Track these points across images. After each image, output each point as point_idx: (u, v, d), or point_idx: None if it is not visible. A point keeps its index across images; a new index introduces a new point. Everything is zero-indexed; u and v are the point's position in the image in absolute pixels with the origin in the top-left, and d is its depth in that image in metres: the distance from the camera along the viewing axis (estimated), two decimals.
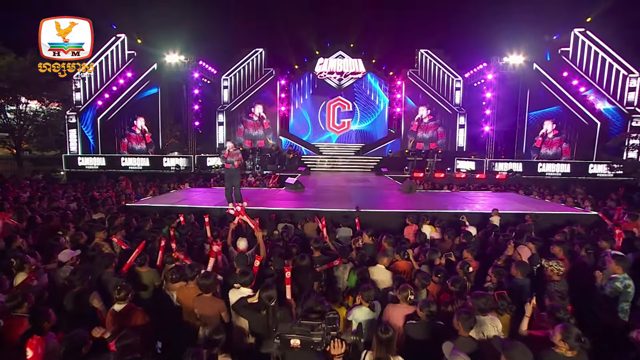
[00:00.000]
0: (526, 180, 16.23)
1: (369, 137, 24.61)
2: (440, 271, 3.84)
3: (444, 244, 5.62)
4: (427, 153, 21.12)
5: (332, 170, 20.65)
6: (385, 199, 9.46)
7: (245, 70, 21.97)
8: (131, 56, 18.13)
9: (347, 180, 14.28)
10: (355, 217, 6.60)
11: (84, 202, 8.01)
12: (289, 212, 7.11)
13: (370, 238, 5.49)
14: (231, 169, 7.45)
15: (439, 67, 22.54)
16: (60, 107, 18.30)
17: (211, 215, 6.77)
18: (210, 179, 14.22)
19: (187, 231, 5.44)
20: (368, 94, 24.95)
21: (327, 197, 9.53)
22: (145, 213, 6.92)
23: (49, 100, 18.25)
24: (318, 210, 7.32)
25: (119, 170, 16.58)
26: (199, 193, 9.74)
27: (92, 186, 11.38)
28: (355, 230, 6.23)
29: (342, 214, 7.22)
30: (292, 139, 23.24)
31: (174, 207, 7.31)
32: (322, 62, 24.19)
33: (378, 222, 7.10)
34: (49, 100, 18.37)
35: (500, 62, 18.31)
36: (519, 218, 7.15)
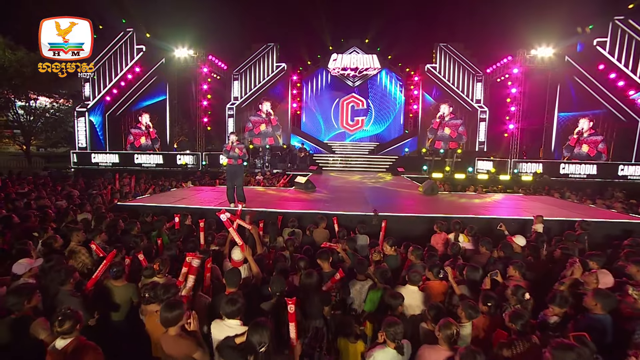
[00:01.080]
0: (556, 183, 14.98)
1: (383, 136, 23.63)
2: (491, 299, 2.93)
3: (480, 258, 4.68)
4: (446, 153, 20.06)
5: (345, 169, 19.78)
6: (405, 201, 8.53)
7: (257, 66, 21.29)
8: (140, 51, 17.69)
9: (361, 181, 13.37)
10: (380, 220, 5.71)
11: (78, 200, 7.38)
12: (297, 215, 6.29)
13: (392, 248, 4.61)
14: (234, 165, 6.69)
15: (459, 62, 21.35)
16: (69, 104, 18.05)
17: (210, 217, 6.03)
18: (216, 178, 13.55)
19: (179, 236, 4.66)
20: (383, 91, 23.99)
21: (341, 198, 8.66)
22: (138, 213, 6.22)
23: (59, 96, 18.10)
24: (330, 213, 6.47)
25: (132, 167, 16.16)
26: (201, 192, 9.03)
27: (92, 183, 10.83)
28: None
29: (358, 218, 6.35)
30: (303, 137, 22.46)
31: (171, 207, 6.58)
32: (335, 58, 23.34)
33: (399, 228, 6.21)
34: (59, 97, 18.21)
35: (527, 55, 17.02)
36: (564, 226, 6.12)
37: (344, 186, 11.30)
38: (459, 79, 21.43)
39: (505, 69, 19.03)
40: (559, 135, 17.46)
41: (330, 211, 6.60)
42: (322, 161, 20.27)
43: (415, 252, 4.12)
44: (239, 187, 6.81)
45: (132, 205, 6.72)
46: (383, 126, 23.97)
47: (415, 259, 4.11)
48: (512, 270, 3.77)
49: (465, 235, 5.32)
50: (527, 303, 3.01)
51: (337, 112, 23.94)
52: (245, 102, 21.23)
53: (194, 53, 17.68)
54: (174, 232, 4.66)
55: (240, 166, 6.79)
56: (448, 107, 21.54)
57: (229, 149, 6.61)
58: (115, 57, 17.93)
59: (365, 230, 5.39)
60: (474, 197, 9.80)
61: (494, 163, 17.57)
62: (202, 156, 16.76)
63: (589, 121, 16.65)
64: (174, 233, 4.65)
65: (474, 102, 21.30)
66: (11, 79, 16.12)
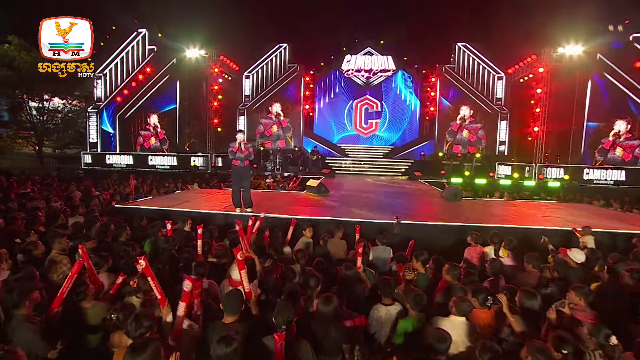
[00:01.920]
0: (585, 190, 13.92)
1: (398, 139, 22.84)
2: (568, 344, 2.19)
3: (526, 277, 3.92)
4: (465, 157, 19.15)
5: (359, 173, 19.07)
6: (427, 208, 7.78)
7: (269, 67, 20.87)
8: (151, 51, 17.49)
9: (377, 185, 12.65)
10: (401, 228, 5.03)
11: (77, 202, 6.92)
12: (310, 222, 5.63)
13: (420, 264, 3.91)
14: (240, 167, 6.10)
15: (479, 62, 20.43)
16: (80, 105, 17.98)
17: (213, 223, 5.45)
18: (226, 180, 13.06)
19: (173, 245, 4.07)
20: (398, 93, 23.24)
21: (356, 203, 7.98)
22: (135, 217, 5.69)
23: (71, 98, 18.04)
24: (347, 220, 5.80)
25: (146, 169, 15.88)
26: (207, 195, 8.48)
27: (99, 184, 10.46)
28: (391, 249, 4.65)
29: (378, 226, 5.65)
30: (315, 139, 21.86)
31: (170, 211, 6.03)
32: (349, 59, 22.74)
33: (423, 238, 5.49)
34: (72, 98, 18.15)
35: (553, 53, 16.02)
36: (617, 240, 5.28)
37: (359, 190, 10.60)
38: (478, 79, 20.50)
39: (529, 68, 18.04)
40: (588, 138, 16.31)
41: (346, 217, 5.93)
42: (334, 164, 19.62)
43: (452, 271, 3.41)
44: (246, 191, 6.22)
45: (130, 208, 6.20)
46: (398, 129, 23.20)
47: (452, 279, 3.40)
48: (574, 296, 3.01)
49: (504, 249, 4.56)
50: (613, 349, 2.27)
51: (351, 114, 23.31)
52: (256, 103, 20.80)
53: (205, 53, 17.38)
54: (167, 241, 4.07)
55: (247, 168, 6.20)
56: (468, 110, 20.63)
57: (235, 151, 6.04)
58: (127, 58, 17.78)
59: (387, 241, 4.69)
60: (501, 204, 8.97)
61: (516, 168, 16.57)
62: (212, 158, 16.33)
63: (627, 124, 15.44)
64: (167, 241, 4.06)
65: (495, 103, 20.33)
66: (26, 80, 16.09)
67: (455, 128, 20.80)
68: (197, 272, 3.37)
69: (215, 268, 3.83)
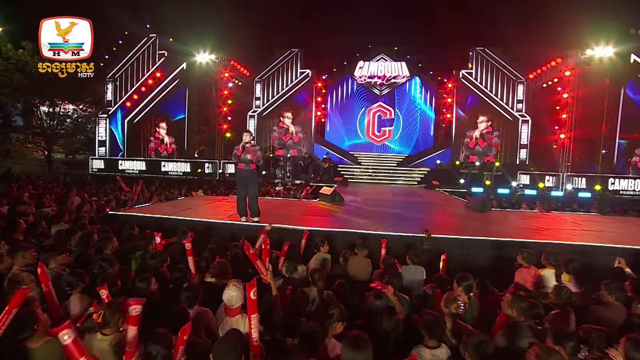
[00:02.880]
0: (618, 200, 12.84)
1: (412, 147, 22.01)
2: None
3: (608, 313, 3.06)
4: (483, 166, 18.21)
5: (372, 181, 18.29)
6: (454, 219, 6.94)
7: (280, 72, 20.46)
8: (162, 56, 17.26)
9: (393, 194, 11.85)
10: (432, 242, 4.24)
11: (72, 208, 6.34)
12: (326, 234, 4.89)
13: (462, 291, 3.12)
14: (244, 171, 5.42)
15: (498, 67, 19.59)
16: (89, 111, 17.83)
17: (216, 235, 4.76)
18: (233, 187, 12.46)
19: (162, 261, 3.38)
20: (412, 100, 22.56)
21: (375, 214, 7.22)
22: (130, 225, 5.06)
23: (82, 103, 17.94)
24: (368, 232, 5.05)
25: (159, 175, 15.48)
26: (211, 202, 7.84)
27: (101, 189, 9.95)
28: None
29: (404, 240, 4.87)
30: (327, 146, 21.21)
31: (169, 219, 5.37)
32: (362, 65, 22.22)
33: (457, 255, 4.68)
34: (83, 103, 18.06)
35: (581, 55, 15.10)
36: None
37: (375, 200, 9.82)
38: (497, 85, 19.64)
39: (553, 72, 17.12)
40: (621, 147, 15.19)
41: (366, 230, 5.17)
42: (347, 172, 18.90)
43: (517, 303, 2.60)
44: (252, 198, 5.53)
45: (125, 216, 5.58)
46: (412, 137, 22.44)
47: (518, 314, 2.59)
48: None
49: (566, 273, 3.72)
50: None
51: (363, 121, 22.70)
52: (267, 110, 20.35)
53: (216, 58, 17.05)
54: (155, 256, 3.39)
55: (252, 172, 5.51)
56: (486, 122, 19.64)
57: (239, 154, 5.38)
58: (138, 63, 17.60)
59: (419, 260, 3.90)
60: (535, 215, 8.05)
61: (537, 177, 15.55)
62: (221, 164, 15.82)
63: None
64: (155, 256, 3.38)
65: (515, 110, 19.41)
66: (38, 84, 16.02)
67: (472, 145, 19.86)
68: (187, 298, 2.68)
69: (214, 290, 3.12)
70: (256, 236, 3.75)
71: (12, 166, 16.53)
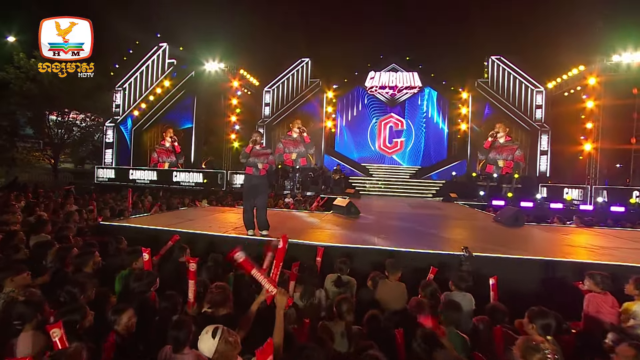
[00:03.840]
0: None
1: (426, 159, 21.27)
2: None
3: None
4: (502, 178, 17.32)
5: (385, 194, 17.52)
6: (487, 235, 6.13)
7: (290, 81, 20.11)
8: (171, 65, 17.06)
9: (410, 206, 11.07)
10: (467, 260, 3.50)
11: None
12: (345, 252, 4.18)
13: (539, 331, 2.37)
14: (254, 177, 4.77)
15: (515, 76, 18.90)
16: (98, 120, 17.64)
17: (217, 248, 4.10)
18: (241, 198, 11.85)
19: (148, 285, 2.71)
20: (425, 111, 21.98)
21: (396, 228, 6.49)
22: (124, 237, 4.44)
23: (90, 112, 17.78)
24: (394, 249, 4.32)
25: (170, 185, 15.03)
26: (216, 213, 7.20)
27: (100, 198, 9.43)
28: None
29: (438, 259, 4.12)
30: (338, 157, 20.60)
31: (166, 232, 4.73)
32: (373, 75, 21.78)
33: (504, 279, 3.89)
34: (91, 113, 17.89)
35: (607, 62, 14.35)
36: None
37: (393, 212, 9.08)
38: (515, 94, 18.91)
39: (575, 80, 16.34)
40: None
41: (391, 246, 4.44)
42: (358, 184, 18.20)
43: None
44: (260, 209, 4.86)
45: (118, 226, 4.96)
46: (424, 149, 21.73)
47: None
48: None
49: None
50: None
51: (374, 132, 22.13)
52: (277, 119, 19.93)
53: (225, 66, 16.77)
54: (140, 277, 2.71)
55: (262, 179, 4.85)
56: (504, 127, 18.89)
57: (248, 151, 4.74)
58: (147, 72, 17.43)
59: (466, 285, 3.15)
60: (577, 231, 7.19)
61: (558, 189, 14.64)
62: (228, 174, 15.28)
63: None
64: (140, 278, 2.71)
65: (534, 120, 18.60)
66: (48, 94, 15.92)
67: (487, 146, 18.97)
68: (175, 338, 2.01)
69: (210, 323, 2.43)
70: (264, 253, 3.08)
71: (19, 175, 16.30)
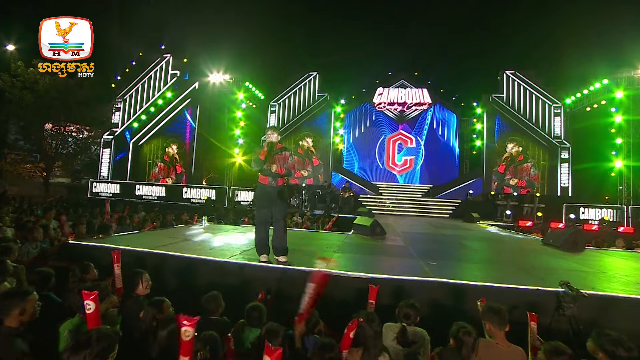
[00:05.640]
0: None
1: (437, 177, 20.22)
2: None
3: None
4: (523, 197, 16.27)
5: (398, 213, 16.33)
6: (562, 265, 4.90)
7: (297, 96, 19.40)
8: (174, 76, 16.36)
9: (434, 226, 9.89)
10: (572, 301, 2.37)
11: None
12: (395, 285, 3.02)
13: None
14: (269, 187, 3.68)
15: (531, 91, 18.20)
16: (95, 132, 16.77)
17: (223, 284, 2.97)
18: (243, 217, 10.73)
19: (101, 355, 1.55)
20: (435, 128, 21.25)
21: (437, 251, 5.31)
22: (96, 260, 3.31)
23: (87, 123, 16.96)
24: (459, 282, 3.17)
25: (180, 202, 14.00)
26: (217, 233, 6.03)
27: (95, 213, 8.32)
28: None
29: (526, 299, 2.95)
30: (345, 174, 19.58)
31: (151, 255, 3.59)
32: (381, 91, 21.21)
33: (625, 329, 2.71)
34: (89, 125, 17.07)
35: (634, 74, 13.57)
36: None
37: (419, 233, 7.92)
38: (531, 110, 18.15)
39: (598, 94, 15.54)
40: None
41: (462, 279, 3.29)
42: (368, 203, 17.04)
43: None
44: (279, 228, 3.72)
45: (92, 247, 3.82)
46: (435, 166, 20.83)
47: None
48: None
49: None
50: None
51: (383, 150, 21.31)
52: (283, 134, 19.03)
53: (230, 78, 16.05)
54: (89, 343, 1.55)
55: (281, 189, 3.76)
56: (515, 147, 18.10)
57: (262, 157, 3.66)
58: (149, 83, 16.73)
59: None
60: None
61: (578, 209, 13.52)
62: (231, 191, 14.19)
63: None
64: (87, 343, 1.54)
65: (552, 137, 17.72)
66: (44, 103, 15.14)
67: (502, 170, 18.15)
68: None
69: None
70: (299, 291, 1.96)
71: (9, 188, 15.27)
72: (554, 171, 17.57)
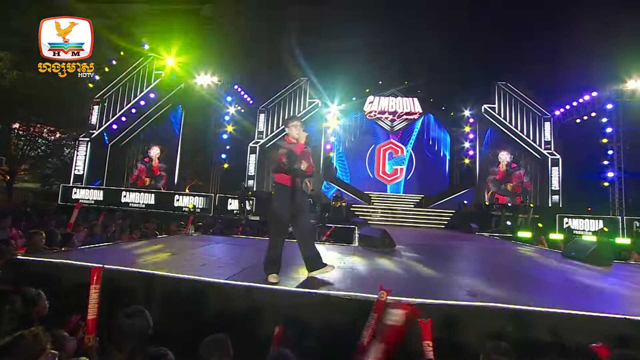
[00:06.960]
0: None
1: (427, 187, 19.93)
2: None
3: None
4: (517, 207, 16.21)
5: (390, 223, 15.81)
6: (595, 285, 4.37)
7: (286, 102, 18.82)
8: (158, 77, 15.43)
9: (438, 238, 9.35)
10: None
11: None
12: (444, 314, 2.37)
13: None
14: (297, 190, 3.05)
15: (522, 102, 18.36)
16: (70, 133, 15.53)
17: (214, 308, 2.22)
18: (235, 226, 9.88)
19: None
20: (425, 138, 21.18)
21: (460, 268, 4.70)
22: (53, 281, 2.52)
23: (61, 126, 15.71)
24: (522, 308, 2.54)
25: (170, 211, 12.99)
26: (205, 244, 5.22)
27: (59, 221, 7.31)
28: None
29: (601, 328, 2.36)
30: (337, 184, 19.00)
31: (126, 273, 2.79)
32: (372, 100, 20.91)
33: None
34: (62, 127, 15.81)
35: (622, 87, 13.74)
36: None
37: (426, 245, 7.36)
38: (522, 121, 18.28)
39: (588, 107, 15.76)
40: None
41: (514, 303, 2.66)
42: (360, 213, 16.48)
43: None
44: (306, 238, 3.07)
45: (48, 264, 2.93)
46: (425, 176, 20.65)
47: None
48: None
49: None
50: None
51: (373, 159, 21.01)
52: (271, 141, 18.32)
53: (218, 80, 15.27)
54: None
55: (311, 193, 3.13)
56: (509, 156, 18.24)
57: (281, 159, 2.97)
58: (131, 84, 15.72)
59: None
60: None
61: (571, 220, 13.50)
62: (216, 198, 13.28)
63: None
64: None
65: (543, 147, 17.86)
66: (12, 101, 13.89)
67: (500, 177, 18.16)
68: None
69: None
70: None
71: None
72: (545, 182, 17.65)
